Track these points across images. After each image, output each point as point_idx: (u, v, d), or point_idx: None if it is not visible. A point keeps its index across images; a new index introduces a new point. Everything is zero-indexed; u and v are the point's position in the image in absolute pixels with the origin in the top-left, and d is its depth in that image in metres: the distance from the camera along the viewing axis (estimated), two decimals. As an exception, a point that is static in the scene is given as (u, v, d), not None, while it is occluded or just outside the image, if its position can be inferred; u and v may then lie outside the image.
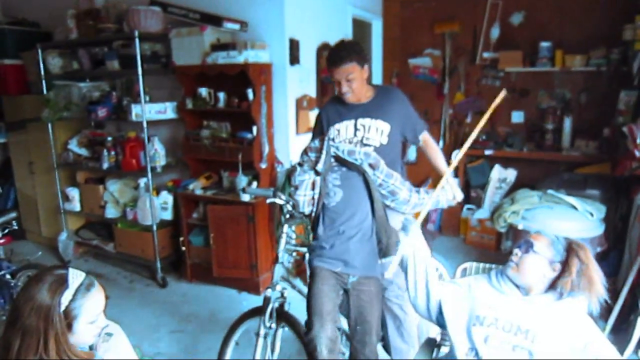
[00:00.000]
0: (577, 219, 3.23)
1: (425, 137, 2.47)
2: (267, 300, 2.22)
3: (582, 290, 1.63)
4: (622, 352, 2.50)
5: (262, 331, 2.19)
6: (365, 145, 2.32)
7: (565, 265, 1.67)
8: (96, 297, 1.37)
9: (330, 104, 2.48)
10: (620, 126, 3.52)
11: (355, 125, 2.34)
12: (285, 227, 2.31)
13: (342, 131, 2.36)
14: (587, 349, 1.60)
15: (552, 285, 1.71)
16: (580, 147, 4.33)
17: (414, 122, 2.43)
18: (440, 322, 1.85)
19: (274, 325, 2.21)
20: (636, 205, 3.14)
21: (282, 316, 2.23)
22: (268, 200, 2.35)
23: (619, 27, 3.76)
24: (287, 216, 2.32)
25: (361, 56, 2.28)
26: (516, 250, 1.74)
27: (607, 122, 4.08)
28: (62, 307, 1.29)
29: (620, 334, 2.71)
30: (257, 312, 2.25)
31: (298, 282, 2.56)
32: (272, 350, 2.24)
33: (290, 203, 2.25)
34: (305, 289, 2.32)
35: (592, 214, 3.23)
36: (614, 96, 3.91)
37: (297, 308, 2.31)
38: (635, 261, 2.82)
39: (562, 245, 1.70)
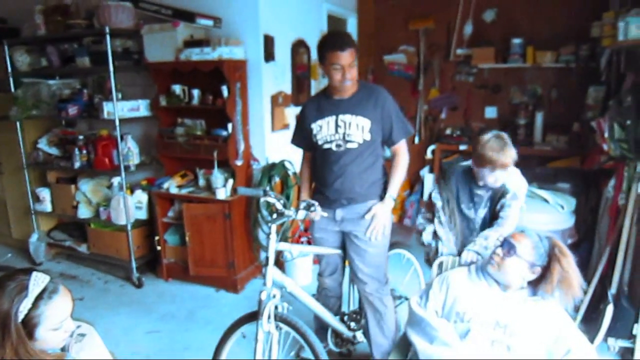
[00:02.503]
0: (548, 211, 3.31)
1: (397, 147, 2.40)
2: (261, 304, 2.09)
3: (561, 292, 1.67)
4: (591, 340, 2.57)
5: (261, 335, 2.07)
6: (348, 141, 2.30)
7: (546, 270, 1.69)
8: (59, 304, 1.32)
9: (311, 102, 2.47)
10: (589, 121, 3.60)
11: (337, 121, 2.32)
12: (274, 227, 2.15)
13: (324, 127, 2.34)
14: (559, 342, 1.64)
15: (531, 284, 1.74)
16: (551, 141, 4.42)
17: (394, 124, 2.34)
18: None
19: (272, 329, 2.10)
20: (605, 198, 3.23)
21: (279, 319, 2.13)
22: (262, 199, 2.21)
23: (587, 24, 3.85)
24: (274, 215, 2.19)
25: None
26: (498, 250, 1.74)
27: (577, 117, 4.18)
28: (21, 316, 1.25)
29: (590, 324, 2.78)
30: (253, 316, 2.14)
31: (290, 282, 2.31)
32: (270, 354, 2.12)
33: (281, 201, 2.18)
34: (297, 293, 2.28)
35: (562, 207, 3.31)
36: (583, 92, 4.00)
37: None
38: (604, 252, 2.90)
39: (544, 249, 1.70)
